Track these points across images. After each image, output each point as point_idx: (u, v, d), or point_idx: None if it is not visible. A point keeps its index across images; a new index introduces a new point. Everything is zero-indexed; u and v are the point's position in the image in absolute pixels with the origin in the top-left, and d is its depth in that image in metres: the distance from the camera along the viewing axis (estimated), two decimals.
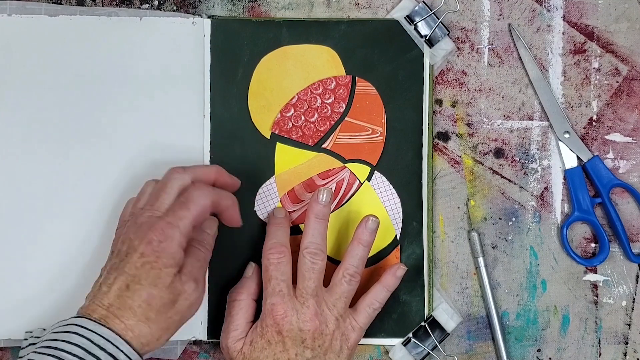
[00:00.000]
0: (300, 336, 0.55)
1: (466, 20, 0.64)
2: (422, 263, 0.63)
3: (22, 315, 0.60)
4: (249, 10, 0.64)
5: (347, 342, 0.57)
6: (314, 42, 0.63)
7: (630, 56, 0.64)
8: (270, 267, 0.57)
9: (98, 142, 0.62)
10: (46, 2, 0.63)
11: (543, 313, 0.63)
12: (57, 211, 0.61)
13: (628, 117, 0.64)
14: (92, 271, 0.61)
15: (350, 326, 0.58)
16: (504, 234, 0.64)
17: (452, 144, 0.64)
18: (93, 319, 0.50)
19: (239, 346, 0.57)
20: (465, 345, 0.63)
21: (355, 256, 0.58)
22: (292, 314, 0.55)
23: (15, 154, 0.61)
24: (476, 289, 0.63)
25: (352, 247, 0.59)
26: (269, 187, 0.62)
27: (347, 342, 0.57)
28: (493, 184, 0.64)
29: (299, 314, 0.55)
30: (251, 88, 0.63)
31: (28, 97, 0.61)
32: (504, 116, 0.64)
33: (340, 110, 0.63)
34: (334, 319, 0.57)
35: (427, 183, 0.63)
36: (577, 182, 0.63)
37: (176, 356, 0.61)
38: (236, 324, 0.58)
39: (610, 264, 0.64)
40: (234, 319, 0.58)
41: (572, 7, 0.64)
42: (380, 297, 0.59)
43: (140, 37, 0.62)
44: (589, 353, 0.63)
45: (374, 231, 0.59)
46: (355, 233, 0.59)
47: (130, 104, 0.62)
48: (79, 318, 0.50)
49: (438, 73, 0.64)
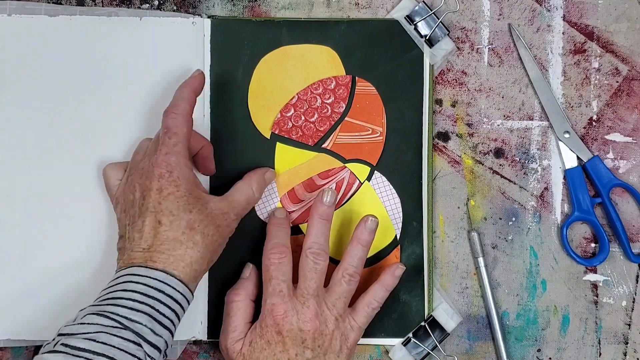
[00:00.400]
0: (300, 336, 0.55)
1: (466, 20, 0.64)
2: (422, 263, 0.63)
3: (22, 316, 0.60)
4: (249, 10, 0.64)
5: (347, 342, 0.57)
6: (314, 42, 0.63)
7: (630, 56, 0.64)
8: (272, 267, 0.57)
9: (98, 141, 0.62)
10: (46, 2, 0.63)
11: (543, 313, 0.63)
12: (57, 211, 0.61)
13: (628, 117, 0.64)
14: (93, 271, 0.61)
15: (349, 326, 0.58)
16: (504, 234, 0.64)
17: (452, 144, 0.64)
18: (139, 264, 0.51)
19: (238, 347, 0.56)
20: (465, 345, 0.63)
21: (354, 256, 0.58)
22: (292, 314, 0.55)
23: (14, 154, 0.61)
24: (476, 289, 0.63)
25: (351, 247, 0.59)
26: (269, 187, 0.62)
27: (346, 342, 0.57)
28: (493, 184, 0.64)
29: (299, 314, 0.55)
30: (251, 88, 0.63)
31: (28, 97, 0.61)
32: (504, 116, 0.64)
33: (340, 110, 0.63)
34: (333, 319, 0.57)
35: (427, 183, 0.63)
36: (577, 182, 0.63)
37: (176, 356, 0.61)
38: (235, 324, 0.58)
39: (610, 264, 0.64)
40: (232, 320, 0.58)
41: (572, 7, 0.64)
42: (378, 296, 0.59)
43: (140, 37, 0.62)
44: (589, 353, 0.63)
45: (373, 231, 0.59)
46: (354, 233, 0.59)
47: (130, 104, 0.62)
48: (127, 269, 0.51)
49: (438, 73, 0.64)
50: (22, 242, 0.61)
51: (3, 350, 0.62)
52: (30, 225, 0.61)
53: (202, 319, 0.61)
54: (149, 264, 0.50)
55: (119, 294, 0.49)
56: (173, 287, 0.50)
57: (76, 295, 0.60)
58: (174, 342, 0.61)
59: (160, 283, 0.50)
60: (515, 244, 0.64)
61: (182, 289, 0.51)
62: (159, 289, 0.50)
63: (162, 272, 0.50)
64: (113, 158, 0.61)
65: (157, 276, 0.50)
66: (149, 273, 0.50)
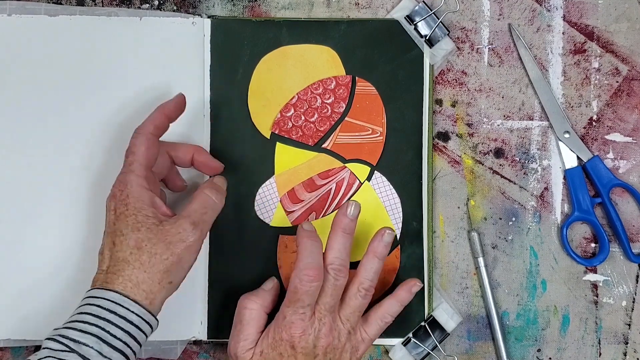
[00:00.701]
0: (313, 352, 0.55)
1: (466, 20, 0.64)
2: (422, 263, 0.63)
3: (22, 315, 0.60)
4: (249, 10, 0.64)
5: (356, 354, 0.57)
6: (314, 42, 0.63)
7: (630, 56, 0.64)
8: (301, 290, 0.54)
9: (97, 141, 0.62)
10: (46, 2, 0.63)
11: (543, 313, 0.63)
12: (57, 210, 0.61)
13: (628, 117, 0.64)
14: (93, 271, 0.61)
15: (360, 338, 0.57)
16: (504, 234, 0.64)
17: (452, 144, 0.64)
18: (97, 286, 0.51)
19: (249, 356, 0.55)
20: (465, 345, 0.63)
21: (370, 270, 0.57)
22: (309, 333, 0.54)
23: (14, 153, 0.61)
24: (476, 289, 0.63)
25: (367, 260, 0.58)
26: (269, 187, 0.62)
27: (356, 354, 0.57)
28: (493, 184, 0.64)
29: (315, 332, 0.55)
30: (251, 88, 0.63)
31: (28, 96, 0.61)
32: (504, 116, 0.64)
33: (340, 110, 0.63)
34: (346, 332, 0.56)
35: (427, 183, 0.63)
36: (577, 182, 0.63)
37: (176, 356, 0.61)
38: (247, 333, 0.56)
39: (610, 264, 0.64)
40: (244, 327, 0.56)
41: (572, 7, 0.64)
42: (392, 310, 0.59)
43: (140, 37, 0.62)
44: (589, 353, 0.63)
45: (389, 244, 0.58)
46: (370, 246, 0.58)
47: (130, 104, 0.62)
48: (89, 291, 0.51)
49: (438, 73, 0.64)
50: (22, 241, 0.61)
51: (3, 350, 0.62)
52: (30, 225, 0.61)
53: (202, 319, 0.61)
54: (105, 285, 0.51)
55: (75, 317, 0.50)
56: (126, 307, 0.50)
57: (76, 295, 0.60)
58: (173, 342, 0.61)
59: (112, 304, 0.50)
60: (515, 244, 0.64)
61: (138, 310, 0.50)
62: (110, 310, 0.49)
63: (116, 293, 0.50)
64: (112, 157, 0.61)
65: (110, 297, 0.50)
66: (103, 294, 0.50)
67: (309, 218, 0.62)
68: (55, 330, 0.50)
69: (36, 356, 0.48)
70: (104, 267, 0.52)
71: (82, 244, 0.61)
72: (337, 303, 0.56)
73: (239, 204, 0.62)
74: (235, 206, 0.62)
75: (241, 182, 0.62)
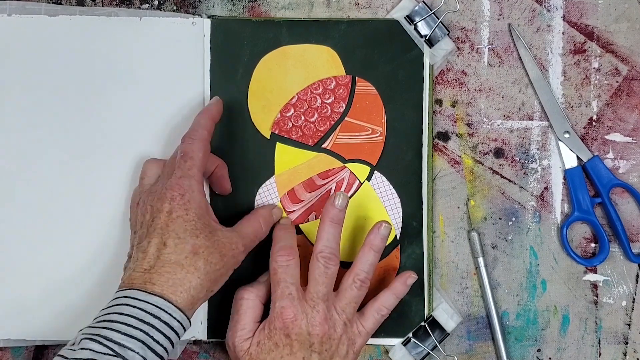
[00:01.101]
0: (308, 340, 0.55)
1: (466, 20, 0.64)
2: (422, 263, 0.63)
3: (22, 316, 0.60)
4: (249, 10, 0.64)
5: (353, 347, 0.57)
6: (314, 42, 0.63)
7: (630, 56, 0.64)
8: (279, 270, 0.56)
9: (97, 142, 0.62)
10: (46, 2, 0.63)
11: (543, 313, 0.63)
12: (58, 212, 0.61)
13: (628, 117, 0.64)
14: (92, 272, 0.61)
15: (357, 331, 0.57)
16: (504, 234, 0.64)
17: (452, 144, 0.64)
18: (138, 287, 0.50)
19: (246, 346, 0.56)
20: (465, 345, 0.63)
21: (366, 262, 0.58)
22: (301, 318, 0.55)
23: (14, 155, 0.61)
24: (476, 289, 0.63)
25: (363, 253, 0.58)
26: (269, 187, 0.62)
27: (353, 347, 0.57)
28: (493, 184, 0.64)
29: (308, 318, 0.55)
30: (251, 88, 0.63)
31: (28, 97, 0.61)
32: (504, 116, 0.64)
33: (340, 110, 0.63)
34: (342, 324, 0.56)
35: (427, 183, 0.63)
36: (577, 182, 0.63)
37: (176, 356, 0.61)
38: (244, 322, 0.57)
39: (610, 264, 0.64)
40: (241, 317, 0.57)
41: (572, 7, 0.64)
42: (388, 303, 0.59)
43: (140, 37, 0.62)
44: (589, 353, 0.63)
45: (385, 237, 0.59)
46: (367, 239, 0.59)
47: (130, 104, 0.62)
48: (126, 290, 0.50)
49: (438, 73, 0.64)
50: (23, 243, 0.61)
51: (3, 350, 0.62)
52: (30, 226, 0.61)
53: (202, 319, 0.61)
54: (147, 286, 0.50)
55: (115, 317, 0.49)
56: (170, 314, 0.50)
57: (76, 295, 0.60)
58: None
59: (157, 309, 0.49)
60: (515, 244, 0.64)
61: (180, 317, 0.50)
62: (155, 315, 0.49)
63: (160, 298, 0.50)
64: (112, 157, 0.61)
65: (155, 302, 0.49)
66: (147, 298, 0.49)
67: (309, 218, 0.63)
68: (91, 329, 0.48)
69: (75, 353, 0.47)
70: (146, 266, 0.51)
71: (85, 246, 0.61)
72: (330, 292, 0.57)
73: (239, 204, 0.62)
74: (236, 206, 0.62)
75: (241, 182, 0.62)
